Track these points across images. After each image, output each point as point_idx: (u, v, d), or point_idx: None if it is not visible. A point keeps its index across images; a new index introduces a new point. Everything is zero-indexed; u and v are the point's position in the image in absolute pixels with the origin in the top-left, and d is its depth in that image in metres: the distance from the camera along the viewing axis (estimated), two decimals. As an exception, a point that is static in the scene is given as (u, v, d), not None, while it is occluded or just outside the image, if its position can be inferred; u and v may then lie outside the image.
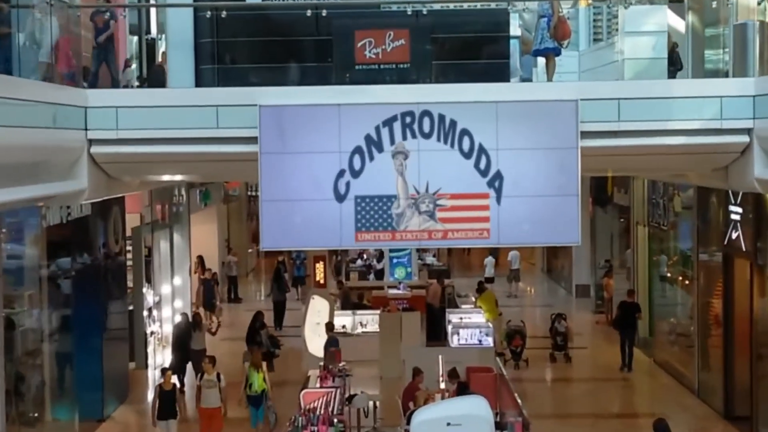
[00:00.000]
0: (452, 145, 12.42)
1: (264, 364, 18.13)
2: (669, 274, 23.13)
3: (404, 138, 12.42)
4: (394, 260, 29.11)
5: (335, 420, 14.84)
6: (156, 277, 25.02)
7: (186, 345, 20.81)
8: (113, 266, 20.61)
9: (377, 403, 17.61)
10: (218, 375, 16.69)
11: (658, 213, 23.21)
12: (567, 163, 12.44)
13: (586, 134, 12.51)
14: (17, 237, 15.74)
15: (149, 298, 24.17)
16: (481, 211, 12.53)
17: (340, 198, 12.50)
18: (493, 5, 15.30)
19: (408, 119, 12.40)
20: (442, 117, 12.39)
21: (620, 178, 26.21)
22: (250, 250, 39.15)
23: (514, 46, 15.47)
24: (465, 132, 12.41)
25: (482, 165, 12.45)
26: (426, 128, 12.41)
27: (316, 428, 14.33)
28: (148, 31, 18.21)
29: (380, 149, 12.44)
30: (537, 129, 12.44)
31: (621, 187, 26.73)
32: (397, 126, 12.41)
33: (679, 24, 15.61)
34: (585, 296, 31.21)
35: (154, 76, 16.12)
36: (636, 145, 12.77)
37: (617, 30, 16.03)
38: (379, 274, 30.76)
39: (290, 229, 12.62)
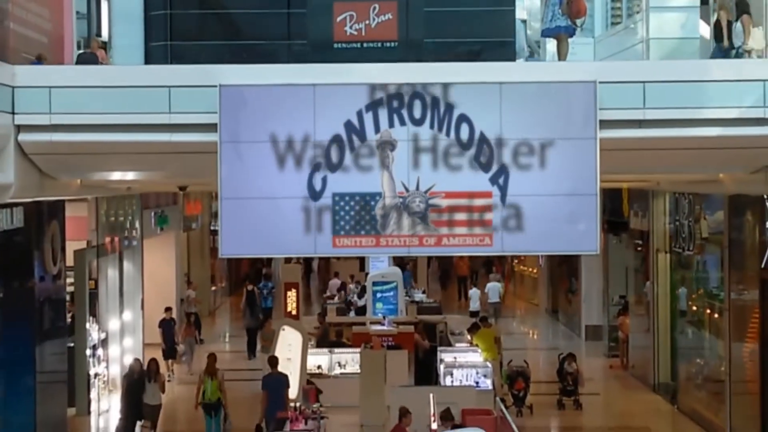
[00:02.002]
0: (448, 134, 11.82)
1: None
2: (695, 308, 22.50)
3: (391, 125, 11.82)
4: (378, 295, 28.37)
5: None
6: (102, 310, 24.26)
7: (138, 398, 19.32)
8: (50, 291, 19.80)
9: (358, 452, 16.89)
10: None
11: (682, 236, 22.61)
12: (584, 156, 11.84)
13: (605, 123, 11.94)
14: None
15: (94, 334, 23.38)
16: (482, 213, 11.91)
17: (316, 196, 11.87)
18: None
19: (396, 103, 11.79)
20: (436, 100, 11.78)
21: (638, 200, 25.64)
22: (213, 288, 38.38)
23: (520, 27, 14.90)
24: (463, 118, 11.81)
25: (484, 158, 11.84)
26: (417, 113, 11.80)
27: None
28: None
29: (363, 138, 11.83)
30: (548, 116, 11.86)
31: (639, 210, 26.13)
32: (382, 111, 11.81)
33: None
34: (596, 339, 30.51)
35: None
36: (664, 137, 12.23)
37: (638, 11, 15.50)
38: (361, 312, 29.95)
39: (255, 233, 11.96)
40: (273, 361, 19.40)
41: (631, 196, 25.25)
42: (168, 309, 26.78)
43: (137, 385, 19.29)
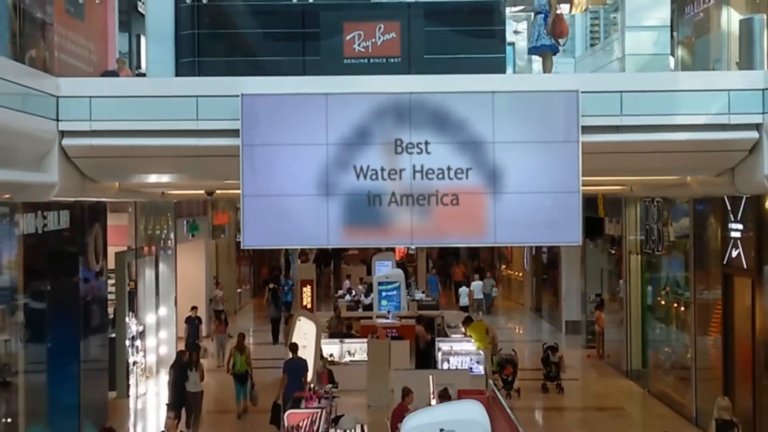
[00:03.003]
0: (446, 138, 11.39)
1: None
2: (663, 303, 22.05)
3: (396, 130, 11.39)
4: (383, 293, 27.94)
5: (320, 436, 13.63)
6: (140, 306, 23.86)
7: (182, 386, 18.85)
8: (93, 288, 19.39)
9: (365, 427, 16.39)
10: None
11: (652, 240, 22.18)
12: (567, 157, 11.41)
13: (586, 129, 11.52)
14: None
15: (132, 327, 22.97)
16: (478, 208, 11.48)
17: (327, 193, 11.44)
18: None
19: (399, 110, 11.37)
20: (435, 108, 11.37)
21: (612, 208, 25.21)
22: (239, 290, 37.92)
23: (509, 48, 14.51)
24: (460, 124, 11.39)
25: (478, 159, 11.41)
26: (419, 119, 11.38)
27: (299, 447, 13.15)
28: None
29: (370, 141, 11.40)
30: (536, 121, 11.43)
31: (613, 217, 25.71)
32: (388, 117, 11.38)
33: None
34: (575, 333, 30.08)
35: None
36: (639, 141, 11.81)
37: (615, 31, 15.13)
38: (368, 309, 29.56)
39: (274, 226, 11.53)
40: (294, 348, 19.11)
41: (606, 203, 24.80)
42: (193, 308, 26.31)
43: (182, 373, 18.77)
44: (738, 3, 16.13)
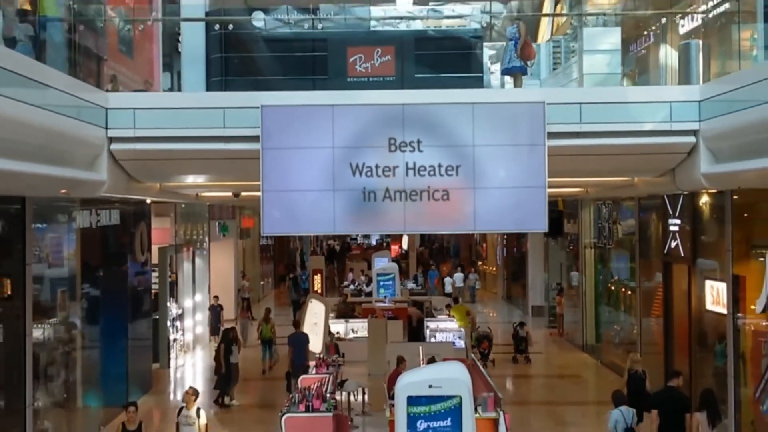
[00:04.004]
0: (435, 142, 11.12)
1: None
2: (613, 288, 21.78)
3: (391, 135, 11.10)
4: (381, 282, 27.62)
5: (327, 396, 13.33)
6: (179, 293, 23.57)
7: (228, 357, 18.32)
8: (139, 276, 19.12)
9: (365, 390, 16.14)
10: (198, 410, 12.28)
11: (603, 236, 21.92)
12: (536, 158, 11.11)
13: (551, 135, 11.21)
14: (55, 242, 14.25)
15: (173, 310, 22.66)
16: (461, 201, 11.16)
17: (333, 188, 11.15)
18: (469, 27, 14.05)
19: (394, 118, 11.10)
20: (425, 116, 11.09)
21: (570, 210, 24.97)
22: (262, 282, 37.57)
23: (486, 68, 14.26)
24: (446, 130, 11.11)
25: (460, 159, 11.12)
26: (411, 126, 11.10)
27: (310, 403, 12.84)
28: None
29: (369, 145, 11.10)
30: (510, 128, 11.13)
31: (570, 218, 25.45)
32: (384, 124, 11.10)
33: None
34: (540, 316, 29.77)
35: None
36: (596, 144, 11.51)
37: (574, 55, 14.90)
38: (368, 296, 29.26)
39: (288, 217, 11.23)
40: (297, 323, 18.93)
41: (565, 206, 24.55)
42: (215, 297, 25.94)
43: (228, 347, 18.36)
44: (674, 40, 15.93)
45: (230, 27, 11.95)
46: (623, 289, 20.92)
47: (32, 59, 9.36)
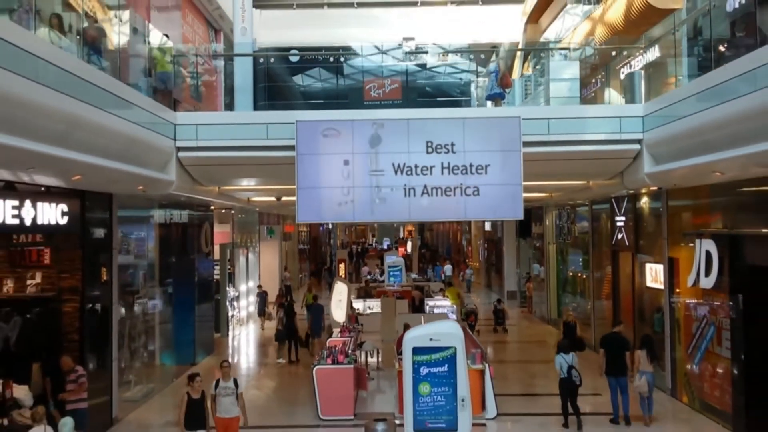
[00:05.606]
0: (433, 148, 10.46)
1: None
2: (571, 275, 20.92)
3: (398, 142, 10.48)
4: (391, 273, 26.87)
5: (349, 351, 12.58)
6: (236, 280, 22.89)
7: (289, 324, 17.26)
8: (204, 265, 18.44)
9: (379, 350, 15.36)
10: (235, 381, 9.73)
11: (563, 234, 21.11)
12: (514, 161, 10.48)
13: (526, 143, 10.61)
14: (139, 236, 13.61)
15: (231, 293, 21.96)
16: (454, 195, 10.52)
17: (353, 186, 10.51)
18: (463, 67, 13.42)
19: (401, 129, 10.47)
20: (424, 128, 10.47)
21: (536, 216, 24.15)
22: (300, 275, 36.75)
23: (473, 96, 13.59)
24: (442, 139, 10.47)
25: (455, 162, 10.48)
26: (414, 136, 10.47)
27: (336, 358, 12.10)
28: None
29: (381, 151, 10.48)
30: (493, 137, 10.51)
31: (536, 222, 24.63)
32: (393, 134, 10.48)
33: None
34: (513, 298, 28.80)
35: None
36: (560, 151, 10.88)
37: (542, 84, 14.21)
38: (381, 283, 28.48)
39: (317, 208, 10.60)
40: (315, 297, 18.39)
41: (533, 211, 23.72)
42: (259, 285, 25.08)
43: (290, 316, 17.41)
44: (616, 85, 15.24)
45: (272, 60, 11.35)
46: (579, 275, 20.08)
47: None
